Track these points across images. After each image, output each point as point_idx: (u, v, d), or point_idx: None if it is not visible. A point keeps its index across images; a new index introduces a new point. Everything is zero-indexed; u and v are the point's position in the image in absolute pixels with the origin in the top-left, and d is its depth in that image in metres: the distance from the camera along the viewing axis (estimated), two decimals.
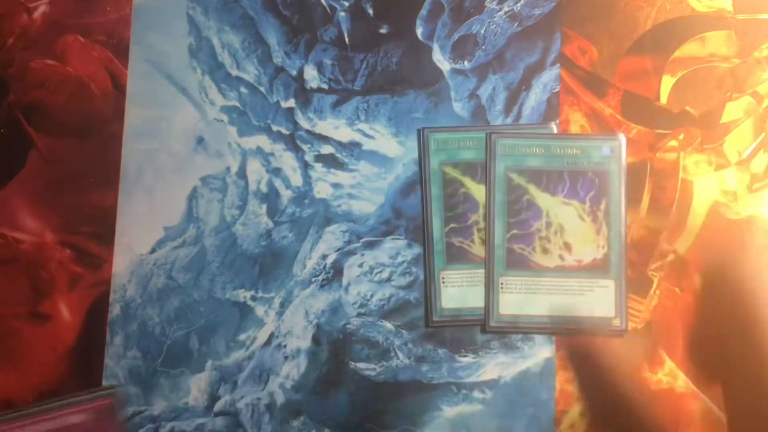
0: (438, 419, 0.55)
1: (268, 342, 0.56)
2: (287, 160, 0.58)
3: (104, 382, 0.56)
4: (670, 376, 0.55)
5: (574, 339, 0.52)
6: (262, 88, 0.58)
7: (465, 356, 0.56)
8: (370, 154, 0.58)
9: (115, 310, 0.56)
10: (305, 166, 0.58)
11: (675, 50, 0.59)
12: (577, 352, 0.51)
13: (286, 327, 0.56)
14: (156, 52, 0.59)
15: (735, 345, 0.38)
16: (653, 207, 0.57)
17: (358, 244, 0.57)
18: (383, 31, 0.59)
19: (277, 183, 0.58)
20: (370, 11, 0.59)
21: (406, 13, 0.59)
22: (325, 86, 0.58)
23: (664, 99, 0.58)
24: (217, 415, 0.55)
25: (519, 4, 0.59)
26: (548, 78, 0.58)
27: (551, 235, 0.56)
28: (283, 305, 0.56)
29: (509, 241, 0.56)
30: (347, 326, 0.56)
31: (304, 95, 0.58)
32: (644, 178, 0.58)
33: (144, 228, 0.57)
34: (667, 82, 0.58)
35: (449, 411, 0.55)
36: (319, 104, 0.58)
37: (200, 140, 0.58)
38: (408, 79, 0.58)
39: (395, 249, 0.57)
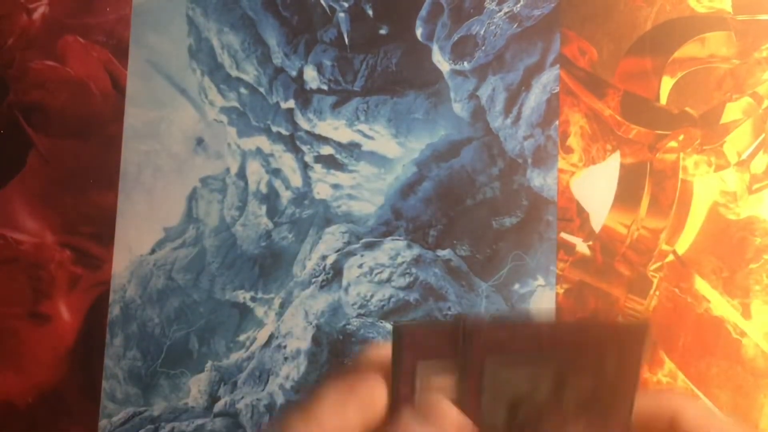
0: None
1: (268, 343, 0.56)
2: (287, 161, 0.58)
3: (104, 383, 0.56)
4: (669, 377, 0.55)
5: None
6: (261, 89, 0.58)
7: None
8: (370, 154, 0.58)
9: (114, 310, 0.56)
10: (305, 167, 0.58)
11: (675, 51, 0.59)
12: None
13: (285, 328, 0.56)
14: (156, 53, 0.59)
15: None
16: (653, 207, 0.57)
17: (358, 245, 0.57)
18: (383, 31, 0.59)
19: (277, 184, 0.58)
20: (370, 12, 0.59)
21: (406, 13, 0.59)
22: (324, 87, 0.58)
23: (663, 100, 0.58)
24: (216, 415, 0.55)
25: (518, 5, 0.59)
26: (548, 79, 0.58)
27: None
28: (283, 306, 0.56)
29: None
30: (347, 327, 0.56)
31: (303, 96, 0.58)
32: (644, 178, 0.58)
33: (144, 228, 0.57)
34: (666, 83, 0.58)
35: None
36: (319, 105, 0.58)
37: (200, 141, 0.58)
38: (408, 79, 0.58)
39: (395, 250, 0.57)
